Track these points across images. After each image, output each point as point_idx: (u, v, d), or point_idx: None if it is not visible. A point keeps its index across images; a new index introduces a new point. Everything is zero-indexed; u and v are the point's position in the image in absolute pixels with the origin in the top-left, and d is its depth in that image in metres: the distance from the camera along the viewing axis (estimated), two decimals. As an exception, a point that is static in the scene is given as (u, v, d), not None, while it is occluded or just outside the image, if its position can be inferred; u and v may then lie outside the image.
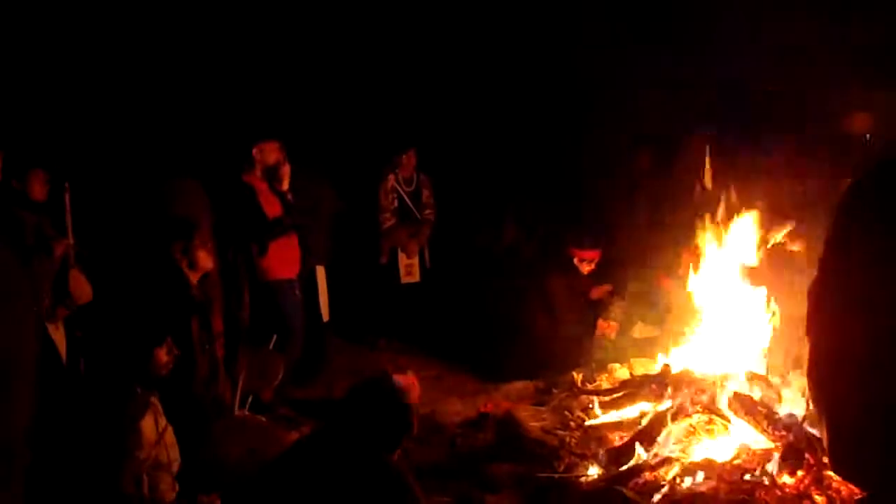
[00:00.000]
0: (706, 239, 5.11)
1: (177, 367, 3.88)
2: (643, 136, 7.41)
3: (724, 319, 4.90)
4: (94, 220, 5.44)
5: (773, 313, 4.64)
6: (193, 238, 4.61)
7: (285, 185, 5.62)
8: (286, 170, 5.62)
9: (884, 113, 6.28)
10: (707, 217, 5.16)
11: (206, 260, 4.67)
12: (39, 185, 5.06)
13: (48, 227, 4.84)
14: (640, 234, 6.57)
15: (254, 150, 5.60)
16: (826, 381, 1.86)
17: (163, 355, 3.50)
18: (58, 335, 4.70)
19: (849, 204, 1.80)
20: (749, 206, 5.00)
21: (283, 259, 5.64)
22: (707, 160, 6.69)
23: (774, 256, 4.96)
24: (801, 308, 1.94)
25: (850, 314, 1.77)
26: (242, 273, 5.57)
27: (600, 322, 6.13)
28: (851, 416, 1.79)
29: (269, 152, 5.60)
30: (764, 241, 4.94)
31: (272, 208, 5.58)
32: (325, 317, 6.48)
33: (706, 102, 6.91)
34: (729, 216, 5.03)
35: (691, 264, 5.98)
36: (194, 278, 4.64)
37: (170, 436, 3.43)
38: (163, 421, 3.41)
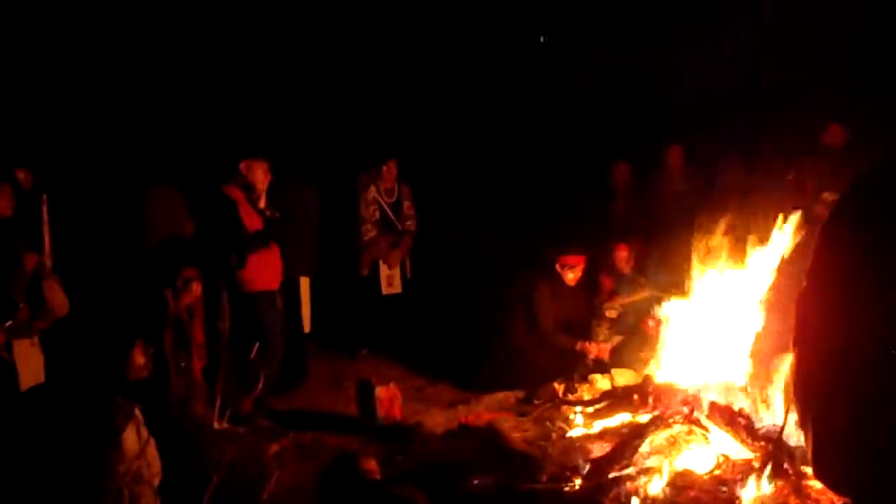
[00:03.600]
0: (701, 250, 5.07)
1: (152, 386, 3.81)
2: (622, 149, 7.47)
3: (706, 330, 4.93)
4: (72, 229, 5.40)
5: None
6: (181, 280, 4.64)
7: (262, 204, 5.61)
8: (264, 188, 5.60)
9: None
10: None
11: (190, 297, 4.71)
12: (5, 200, 5.00)
13: (16, 240, 4.78)
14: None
15: (241, 165, 5.56)
16: (813, 390, 1.87)
17: (138, 356, 3.40)
18: (34, 350, 4.64)
19: (838, 214, 1.81)
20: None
21: (264, 271, 5.61)
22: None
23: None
24: (785, 321, 1.96)
25: (838, 324, 1.77)
26: (223, 284, 5.53)
27: (591, 346, 6.09)
28: (837, 425, 1.80)
29: (257, 170, 5.57)
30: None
31: (252, 221, 5.55)
32: (307, 328, 6.46)
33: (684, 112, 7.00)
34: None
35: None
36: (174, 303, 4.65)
37: (151, 449, 3.39)
38: (145, 433, 3.37)
